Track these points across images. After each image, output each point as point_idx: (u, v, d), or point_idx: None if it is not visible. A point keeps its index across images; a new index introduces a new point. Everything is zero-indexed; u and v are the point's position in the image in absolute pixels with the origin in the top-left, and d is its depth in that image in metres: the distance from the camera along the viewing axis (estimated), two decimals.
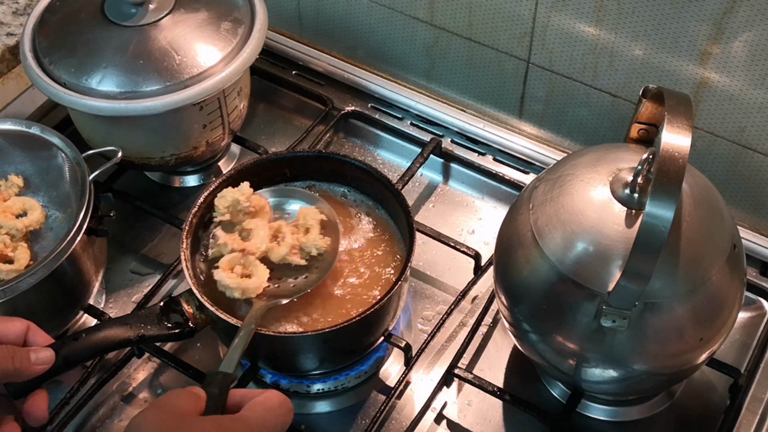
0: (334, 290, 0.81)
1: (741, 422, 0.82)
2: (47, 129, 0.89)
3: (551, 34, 0.94)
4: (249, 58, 0.92)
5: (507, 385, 0.86)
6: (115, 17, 0.91)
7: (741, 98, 0.87)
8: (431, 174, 1.04)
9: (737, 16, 0.81)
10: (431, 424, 0.84)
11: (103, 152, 0.89)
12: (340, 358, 0.83)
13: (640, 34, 0.88)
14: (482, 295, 0.92)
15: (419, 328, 0.91)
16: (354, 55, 1.12)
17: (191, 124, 0.92)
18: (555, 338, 0.74)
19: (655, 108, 0.75)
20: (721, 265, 0.71)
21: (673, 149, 0.64)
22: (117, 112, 0.87)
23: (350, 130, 1.08)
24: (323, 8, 1.10)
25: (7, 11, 1.07)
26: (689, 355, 0.74)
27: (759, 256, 0.94)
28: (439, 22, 1.02)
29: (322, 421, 0.85)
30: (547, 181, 0.76)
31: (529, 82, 1.00)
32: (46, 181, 0.90)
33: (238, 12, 0.94)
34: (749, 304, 0.91)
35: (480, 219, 1.00)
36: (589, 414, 0.84)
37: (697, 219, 0.71)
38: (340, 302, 0.81)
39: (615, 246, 0.69)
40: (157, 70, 0.88)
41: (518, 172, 1.01)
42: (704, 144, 0.92)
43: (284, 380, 0.86)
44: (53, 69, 0.89)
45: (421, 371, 0.87)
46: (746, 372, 0.85)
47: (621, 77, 0.93)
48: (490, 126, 1.05)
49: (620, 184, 0.71)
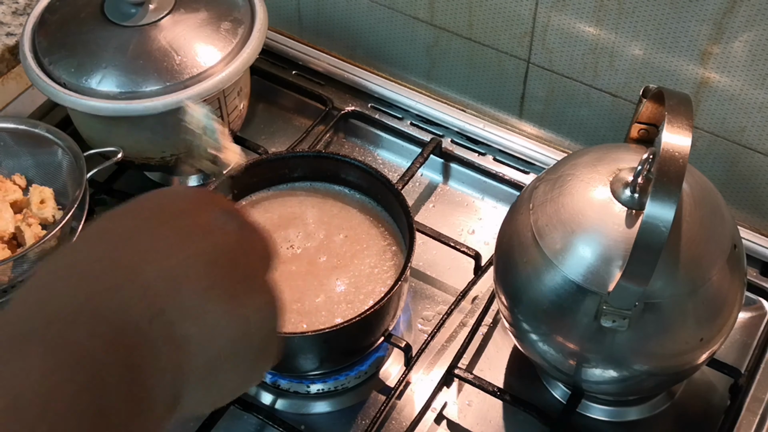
0: (335, 290, 0.81)
1: (741, 422, 0.82)
2: (50, 127, 0.89)
3: (551, 34, 0.94)
4: (249, 58, 0.92)
5: (507, 385, 0.86)
6: (115, 17, 0.91)
7: (741, 98, 0.87)
8: (431, 174, 1.04)
9: (737, 16, 0.81)
10: (431, 424, 0.84)
11: (103, 152, 0.89)
12: (340, 359, 0.83)
13: (640, 34, 0.88)
14: (482, 295, 0.92)
15: (419, 328, 0.91)
16: (354, 55, 1.12)
17: None
18: (555, 338, 0.74)
19: (655, 108, 0.75)
20: (721, 266, 0.71)
21: (674, 149, 0.64)
22: (117, 112, 0.87)
23: (350, 130, 1.08)
24: (323, 8, 1.10)
25: (7, 11, 1.07)
26: (689, 356, 0.74)
27: (759, 256, 0.93)
28: (439, 22, 1.02)
29: (322, 421, 0.85)
30: (547, 181, 0.76)
31: (529, 82, 1.00)
32: (46, 179, 0.90)
33: (238, 12, 0.94)
34: (749, 304, 0.90)
35: (480, 219, 1.00)
36: (590, 414, 0.84)
37: (697, 219, 0.70)
38: (340, 302, 0.81)
39: (615, 246, 0.69)
40: (157, 70, 0.88)
41: (518, 172, 1.01)
42: (704, 144, 0.92)
43: (284, 380, 0.86)
44: (53, 69, 0.89)
45: (421, 371, 0.87)
46: (746, 372, 0.85)
47: (621, 77, 0.93)
48: (490, 126, 1.05)
49: (620, 184, 0.71)
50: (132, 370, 0.38)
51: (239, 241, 0.47)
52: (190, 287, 0.42)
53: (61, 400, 0.35)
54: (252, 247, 0.48)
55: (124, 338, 0.38)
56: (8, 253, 0.84)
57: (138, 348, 0.39)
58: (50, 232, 0.81)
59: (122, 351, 0.38)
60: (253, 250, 0.48)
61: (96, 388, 0.36)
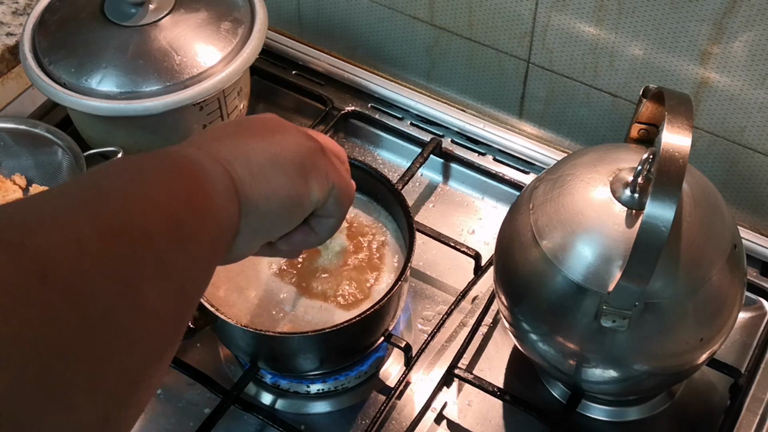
0: (335, 290, 0.81)
1: (741, 422, 0.82)
2: (50, 127, 0.89)
3: (551, 34, 0.94)
4: (249, 58, 0.92)
5: (507, 385, 0.86)
6: (115, 17, 0.91)
7: (741, 98, 0.87)
8: (431, 174, 1.04)
9: (737, 16, 0.81)
10: (431, 424, 0.84)
11: (103, 152, 0.89)
12: (340, 359, 0.83)
13: (640, 34, 0.88)
14: (482, 295, 0.92)
15: (419, 328, 0.91)
16: (354, 55, 1.12)
17: (191, 124, 0.92)
18: (555, 338, 0.74)
19: (655, 108, 0.75)
20: (721, 265, 0.71)
21: (674, 149, 0.64)
22: (117, 112, 0.87)
23: (350, 130, 1.08)
24: (323, 8, 1.10)
25: (7, 11, 1.07)
26: (689, 356, 0.74)
27: (759, 256, 0.93)
28: (439, 22, 1.02)
29: (322, 421, 0.85)
30: (547, 181, 0.76)
31: (529, 82, 1.00)
32: (46, 179, 0.90)
33: (238, 12, 0.94)
34: (750, 304, 0.90)
35: (480, 219, 1.00)
36: (590, 414, 0.84)
37: (697, 219, 0.70)
38: (339, 302, 0.81)
39: (615, 246, 0.69)
40: (157, 70, 0.88)
41: (518, 172, 1.01)
42: (704, 144, 0.92)
43: (284, 380, 0.86)
44: (53, 69, 0.89)
45: (421, 371, 0.87)
46: (746, 372, 0.85)
47: (621, 77, 0.93)
48: (490, 126, 1.05)
49: (620, 184, 0.71)
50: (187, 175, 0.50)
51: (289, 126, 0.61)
52: (231, 133, 0.57)
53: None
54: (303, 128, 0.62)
55: (181, 158, 0.51)
56: None
57: (190, 163, 0.51)
58: None
59: (179, 166, 0.51)
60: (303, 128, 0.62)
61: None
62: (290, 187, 0.57)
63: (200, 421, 0.81)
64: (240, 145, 0.55)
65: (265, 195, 0.55)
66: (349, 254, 0.83)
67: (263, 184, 0.55)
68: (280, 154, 0.56)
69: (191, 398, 0.86)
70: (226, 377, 0.87)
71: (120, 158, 0.51)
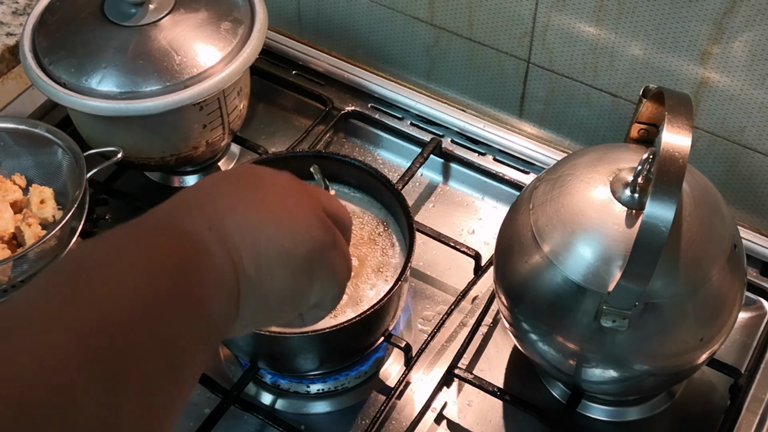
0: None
1: (741, 423, 0.82)
2: (50, 127, 0.89)
3: (551, 34, 0.94)
4: (249, 58, 0.91)
5: (507, 385, 0.86)
6: (115, 17, 0.91)
7: (741, 98, 0.87)
8: (431, 174, 1.04)
9: (737, 16, 0.81)
10: (431, 424, 0.84)
11: (103, 152, 0.89)
12: (339, 359, 0.83)
13: (640, 34, 0.88)
14: (482, 295, 0.92)
15: (419, 328, 0.91)
16: (354, 55, 1.12)
17: (191, 124, 0.92)
18: (555, 338, 0.74)
19: (655, 108, 0.75)
20: (721, 265, 0.71)
21: (674, 149, 0.64)
22: (117, 112, 0.87)
23: (350, 130, 1.08)
24: (323, 8, 1.10)
25: (7, 11, 1.07)
26: (689, 356, 0.74)
27: (759, 256, 0.93)
28: (439, 22, 1.02)
29: (322, 421, 0.85)
30: (547, 181, 0.76)
31: (529, 82, 1.00)
32: (46, 179, 0.90)
33: (238, 12, 0.94)
34: (750, 304, 0.90)
35: (480, 219, 1.00)
36: (590, 414, 0.84)
37: (697, 219, 0.70)
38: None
39: (615, 246, 0.69)
40: (157, 70, 0.88)
41: (518, 172, 1.01)
42: (704, 144, 0.92)
43: (284, 380, 0.86)
44: (53, 69, 0.89)
45: (421, 371, 0.87)
46: (746, 372, 0.85)
47: (621, 77, 0.93)
48: (490, 126, 1.05)
49: (620, 184, 0.71)
50: (188, 263, 0.47)
51: (305, 187, 0.57)
52: (244, 208, 0.52)
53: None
54: (317, 195, 0.58)
55: (185, 241, 0.48)
56: (8, 253, 0.84)
57: (196, 248, 0.48)
58: (50, 232, 0.81)
59: (181, 251, 0.47)
60: (316, 196, 0.57)
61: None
62: (293, 288, 0.53)
63: (200, 421, 0.81)
64: (253, 226, 0.51)
65: (265, 293, 0.51)
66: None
67: (267, 283, 0.51)
68: (291, 252, 0.52)
69: (191, 398, 0.85)
70: (226, 377, 0.87)
71: (116, 236, 0.47)
